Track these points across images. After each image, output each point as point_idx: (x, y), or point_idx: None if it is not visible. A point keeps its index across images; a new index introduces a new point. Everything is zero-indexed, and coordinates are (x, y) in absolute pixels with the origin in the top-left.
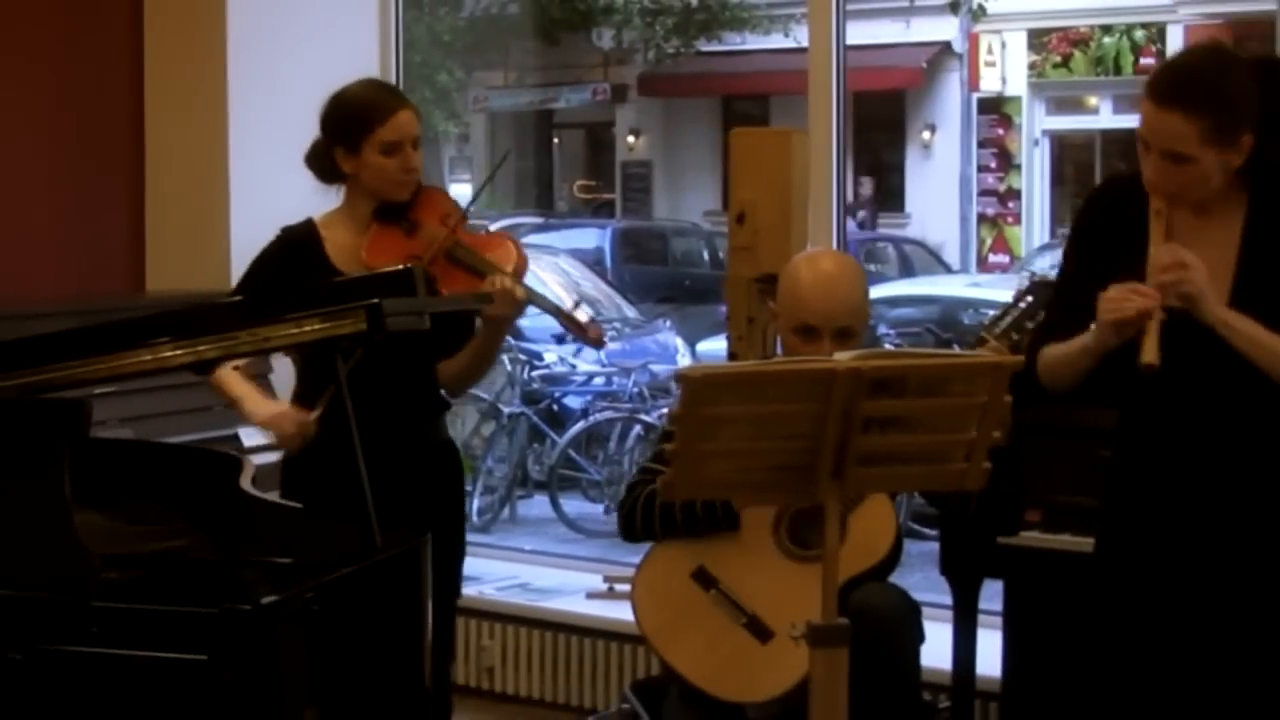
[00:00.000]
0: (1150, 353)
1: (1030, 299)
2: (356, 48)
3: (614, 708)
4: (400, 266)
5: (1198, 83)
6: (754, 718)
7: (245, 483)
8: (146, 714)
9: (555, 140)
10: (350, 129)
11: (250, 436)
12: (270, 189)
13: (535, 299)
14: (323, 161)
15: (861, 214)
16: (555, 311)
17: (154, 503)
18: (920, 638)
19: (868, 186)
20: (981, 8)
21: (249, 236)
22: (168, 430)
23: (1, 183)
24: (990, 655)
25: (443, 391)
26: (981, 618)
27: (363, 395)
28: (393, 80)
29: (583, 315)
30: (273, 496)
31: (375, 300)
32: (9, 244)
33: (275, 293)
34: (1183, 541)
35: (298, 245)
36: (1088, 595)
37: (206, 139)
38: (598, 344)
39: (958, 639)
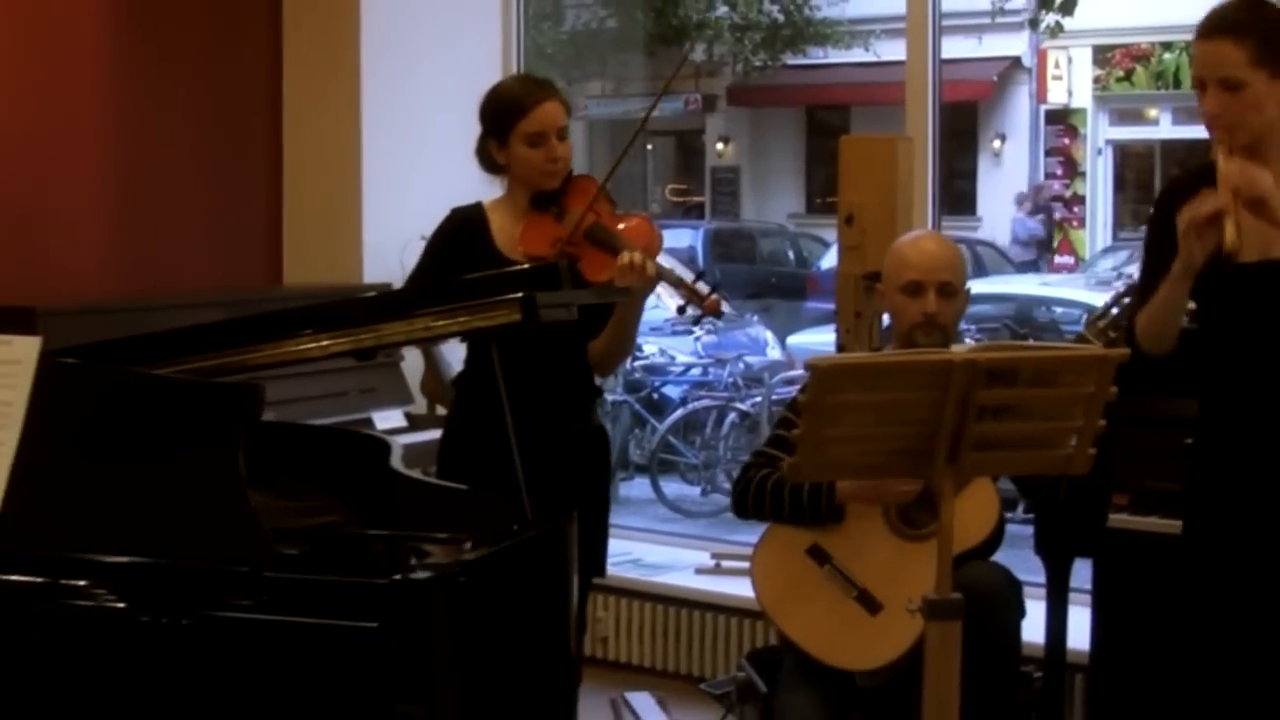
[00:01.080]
0: (1230, 239)
1: (1127, 300)
2: (480, 54)
3: (721, 676)
4: (547, 261)
5: (1242, 9)
6: (862, 685)
7: (395, 463)
8: (314, 676)
9: (649, 147)
10: (499, 122)
11: (384, 420)
12: (400, 187)
13: (664, 273)
14: (483, 154)
15: None
16: (679, 283)
17: (306, 481)
18: (1021, 613)
19: None
20: (1059, 24)
21: (380, 232)
22: (307, 414)
23: (153, 183)
24: (1080, 630)
25: (596, 378)
26: (1072, 595)
27: (523, 382)
28: None
29: (703, 287)
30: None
31: (529, 293)
32: (160, 239)
33: (437, 286)
34: (1261, 522)
35: (465, 226)
36: (1173, 575)
37: (340, 141)
38: (716, 313)
39: (1050, 615)
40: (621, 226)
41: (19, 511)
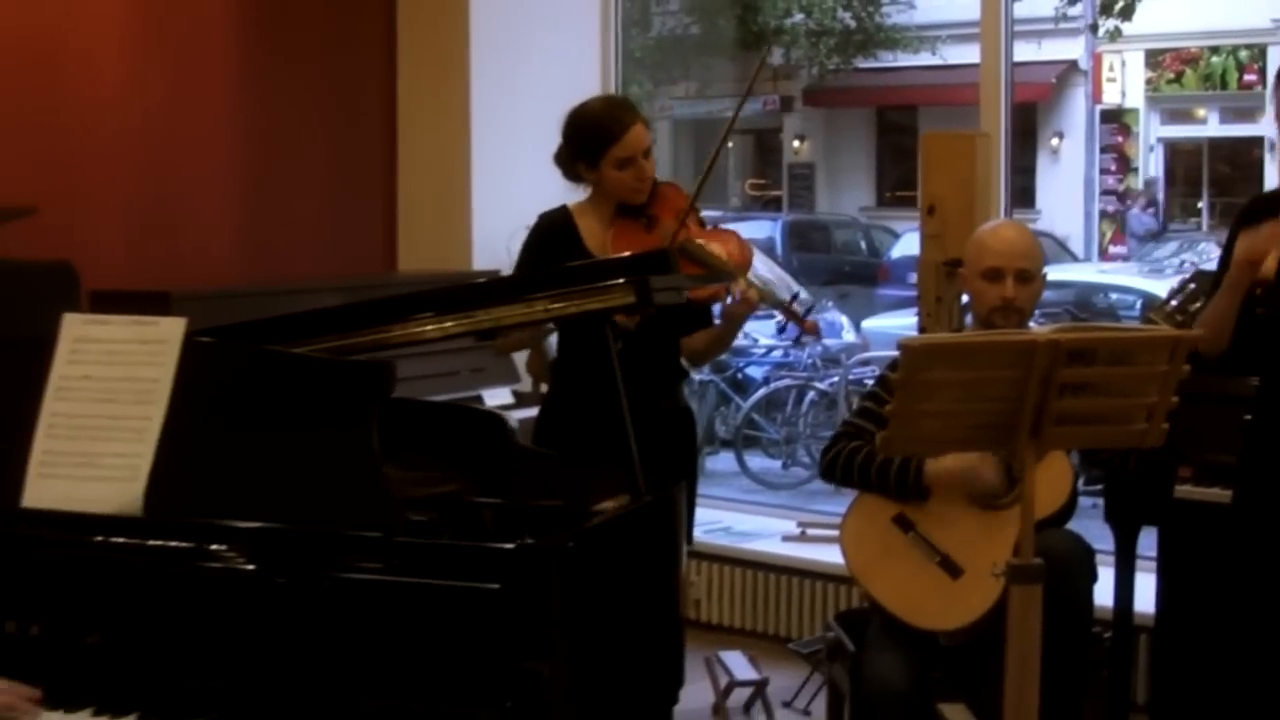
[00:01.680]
0: (1267, 271)
1: (1192, 286)
2: (579, 56)
3: (808, 636)
4: (659, 248)
5: None
6: (944, 644)
7: (512, 436)
8: (442, 634)
9: (729, 144)
10: (589, 147)
11: (492, 398)
12: (506, 180)
13: (766, 297)
14: (567, 167)
15: None
16: (779, 305)
17: (426, 454)
18: (1094, 577)
19: None
20: (1119, 29)
21: (488, 222)
22: (422, 391)
23: (278, 177)
24: (1145, 595)
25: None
26: (1138, 562)
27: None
28: (613, 83)
29: (800, 308)
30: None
31: (643, 276)
32: (284, 229)
33: (554, 271)
34: None
35: (554, 229)
36: (1232, 542)
37: (450, 137)
38: (814, 334)
39: (1118, 580)
40: (715, 246)
41: (165, 481)
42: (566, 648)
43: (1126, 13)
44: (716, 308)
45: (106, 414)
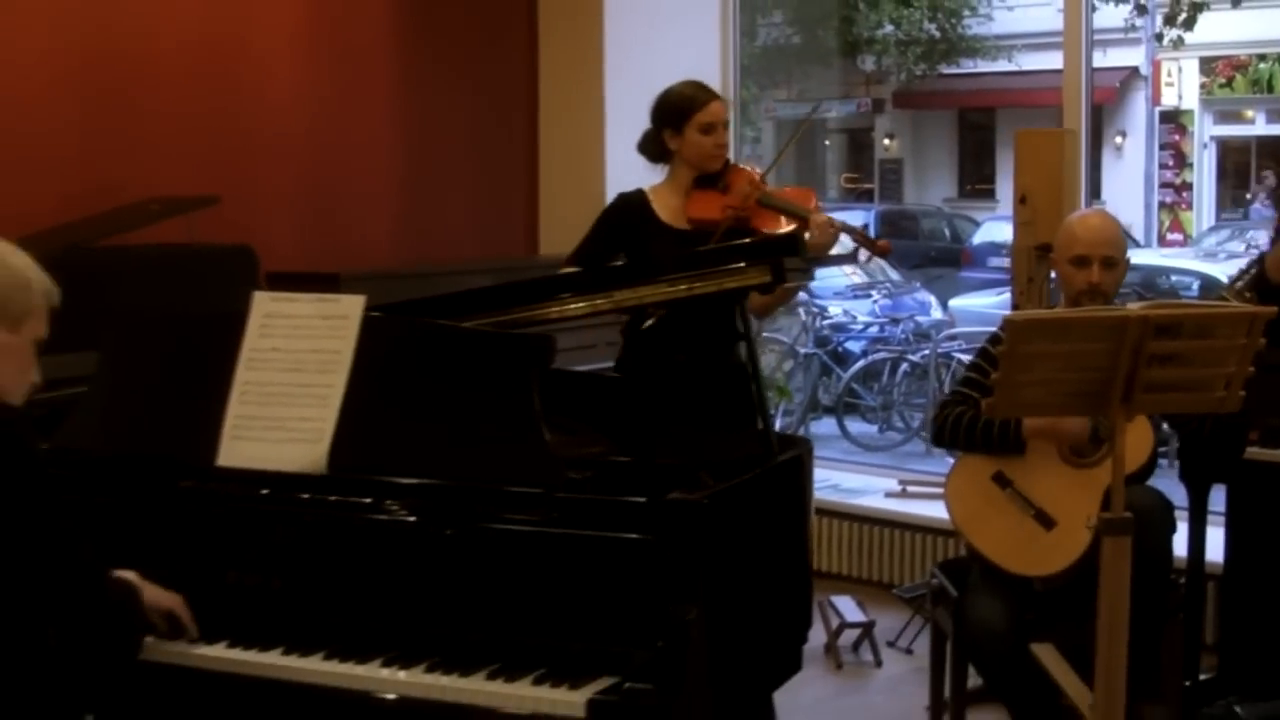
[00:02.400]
0: None
1: (1258, 267)
2: (702, 61)
3: (910, 583)
4: (716, 218)
5: None
6: (1038, 589)
7: (648, 402)
8: (599, 580)
9: (826, 143)
10: (676, 114)
11: None
12: (638, 171)
13: (843, 225)
14: (652, 145)
15: None
16: (854, 232)
17: (575, 418)
18: (1173, 529)
19: None
20: (1181, 38)
21: None
22: (564, 362)
23: (432, 169)
24: (1215, 546)
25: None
26: (1209, 516)
27: (688, 327)
28: (732, 84)
29: (871, 233)
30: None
31: (778, 258)
32: (436, 215)
33: (695, 254)
34: None
35: (629, 205)
36: None
37: (586, 133)
38: (886, 253)
39: (1191, 533)
40: (789, 194)
41: (347, 442)
42: (711, 593)
43: (1189, 24)
44: None
45: (294, 382)
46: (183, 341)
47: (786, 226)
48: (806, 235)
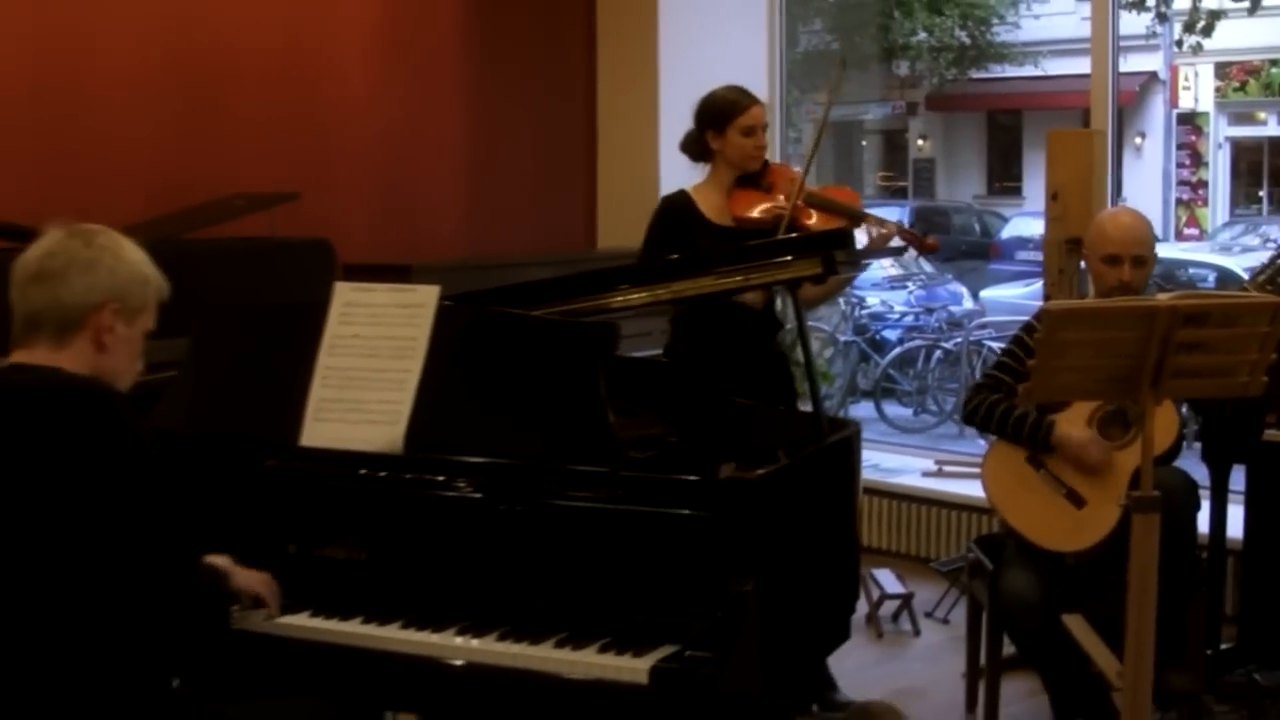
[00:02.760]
0: None
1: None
2: (750, 63)
3: (946, 557)
4: (756, 216)
5: None
6: (1069, 563)
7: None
8: (660, 554)
9: (863, 143)
10: (719, 117)
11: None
12: (689, 169)
13: (897, 226)
14: (694, 145)
15: None
16: (905, 232)
17: (634, 401)
18: (1198, 507)
19: None
20: (1199, 44)
21: None
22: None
23: (496, 167)
24: (1235, 523)
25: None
26: (1229, 495)
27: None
28: (778, 85)
29: (919, 231)
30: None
31: (829, 251)
32: (500, 211)
33: (754, 246)
34: None
35: (675, 206)
36: None
37: (642, 134)
38: (933, 250)
39: (1213, 510)
40: (833, 193)
41: (422, 423)
42: (766, 567)
43: (1207, 31)
44: None
45: (372, 367)
46: (267, 329)
47: (832, 225)
48: (860, 233)
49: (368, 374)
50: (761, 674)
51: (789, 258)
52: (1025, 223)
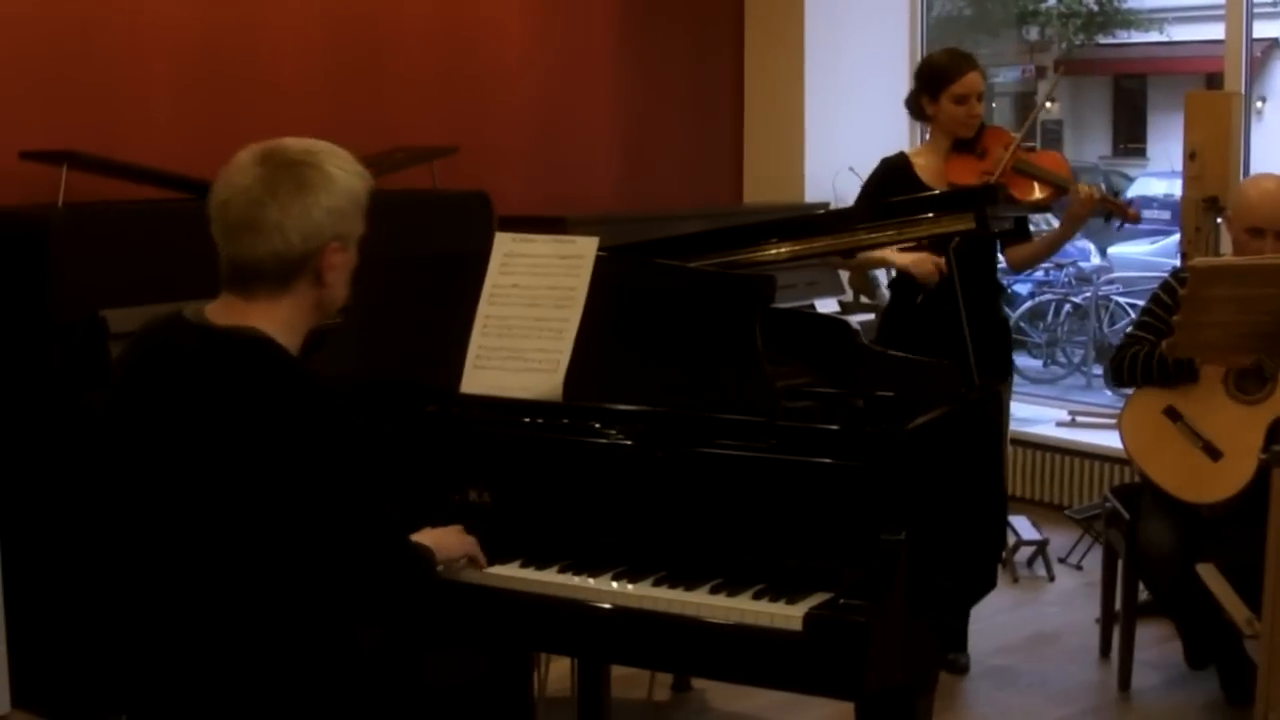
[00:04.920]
0: None
1: None
2: (893, 27)
3: (1079, 505)
4: (985, 183)
5: None
6: (1205, 515)
7: (856, 338)
8: (814, 503)
9: (993, 105)
10: (932, 83)
11: (822, 306)
12: (833, 128)
13: (1103, 196)
14: (914, 106)
15: None
16: (1107, 200)
17: (784, 352)
18: None
19: None
20: None
21: (817, 163)
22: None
23: (647, 123)
24: None
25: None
26: None
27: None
28: (919, 46)
29: (1122, 201)
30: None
31: (981, 206)
32: (651, 166)
33: (906, 200)
34: None
35: (893, 169)
36: None
37: (788, 92)
38: (1135, 221)
39: None
40: (1044, 161)
41: (580, 372)
42: (917, 516)
43: None
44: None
45: (532, 316)
46: (429, 278)
47: (1042, 194)
48: (1066, 199)
49: (527, 323)
50: (909, 623)
51: (934, 214)
52: (1150, 183)
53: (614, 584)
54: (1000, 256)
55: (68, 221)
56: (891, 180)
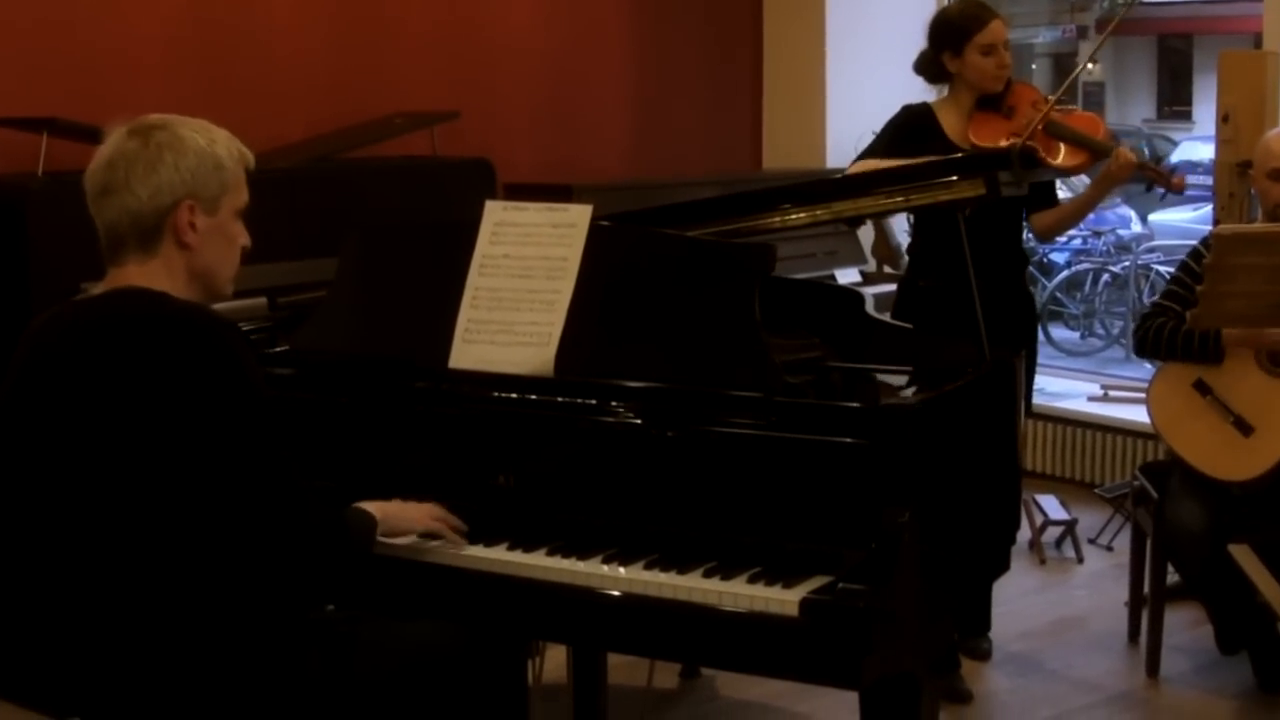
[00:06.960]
0: None
1: None
2: None
3: (1110, 483)
4: (1002, 146)
5: None
6: (1236, 493)
7: (868, 310)
8: (816, 482)
9: (1033, 66)
10: (954, 37)
11: (843, 276)
12: (855, 92)
13: (1142, 163)
14: (930, 66)
15: None
16: (1147, 166)
17: (793, 324)
18: None
19: None
20: None
21: (839, 128)
22: (784, 271)
23: (660, 87)
24: None
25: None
26: None
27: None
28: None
29: (1165, 169)
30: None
31: (993, 171)
32: (665, 131)
33: (914, 166)
34: None
35: (916, 119)
36: None
37: (808, 55)
38: (1179, 190)
39: None
40: (1078, 123)
41: (573, 346)
42: (923, 496)
43: None
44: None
45: (523, 288)
46: (416, 248)
47: (1075, 159)
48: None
49: (518, 295)
50: (914, 608)
51: (954, 178)
52: (1194, 147)
53: (604, 567)
54: (1025, 225)
55: (47, 191)
56: (913, 129)
